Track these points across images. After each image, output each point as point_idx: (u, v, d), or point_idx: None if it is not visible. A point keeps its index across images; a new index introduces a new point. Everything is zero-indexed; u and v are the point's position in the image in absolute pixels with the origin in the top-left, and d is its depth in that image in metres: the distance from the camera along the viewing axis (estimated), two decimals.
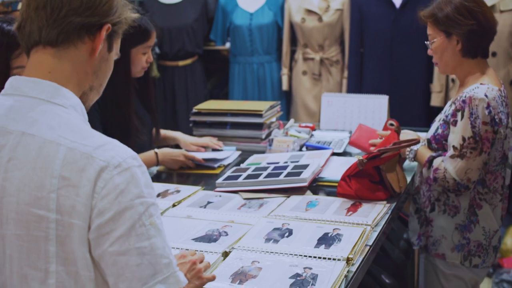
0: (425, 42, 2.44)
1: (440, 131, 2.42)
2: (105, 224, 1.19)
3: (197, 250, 1.91)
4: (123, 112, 2.65)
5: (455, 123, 2.32)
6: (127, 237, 1.19)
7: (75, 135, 1.24)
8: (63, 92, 1.30)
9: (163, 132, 3.12)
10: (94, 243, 1.20)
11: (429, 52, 2.44)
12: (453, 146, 2.31)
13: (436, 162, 2.36)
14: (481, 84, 2.32)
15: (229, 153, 3.03)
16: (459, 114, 2.31)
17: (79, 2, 1.29)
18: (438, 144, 2.43)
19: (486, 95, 2.27)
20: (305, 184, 2.44)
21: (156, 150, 2.85)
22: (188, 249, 1.91)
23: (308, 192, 2.48)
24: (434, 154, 2.41)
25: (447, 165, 2.31)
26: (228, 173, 2.66)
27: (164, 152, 2.85)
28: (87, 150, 1.21)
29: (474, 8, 2.31)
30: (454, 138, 2.31)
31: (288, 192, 2.46)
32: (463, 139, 2.29)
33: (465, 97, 2.30)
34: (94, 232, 1.20)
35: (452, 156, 2.31)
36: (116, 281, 1.21)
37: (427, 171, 2.39)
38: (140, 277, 1.20)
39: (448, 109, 2.43)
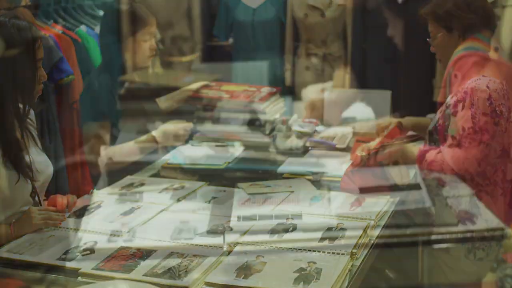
0: (427, 39, 2.45)
1: (441, 121, 2.43)
2: None
3: (202, 245, 1.93)
4: None
5: (456, 113, 2.33)
6: None
7: None
8: None
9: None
10: None
11: (432, 49, 2.45)
12: (452, 136, 2.32)
13: (430, 156, 2.36)
14: (483, 76, 2.33)
15: (233, 149, 3.04)
16: (460, 105, 2.32)
17: None
18: (440, 135, 2.43)
19: (488, 87, 2.28)
20: None
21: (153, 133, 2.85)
22: (192, 244, 1.93)
23: (312, 187, 2.49)
24: (425, 148, 2.41)
25: (445, 155, 2.32)
26: None
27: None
28: None
29: (473, 2, 2.34)
30: (454, 128, 2.32)
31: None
32: (463, 129, 2.29)
33: (467, 88, 2.31)
34: None
35: (450, 146, 2.31)
36: None
37: (420, 166, 2.39)
38: None
39: (449, 100, 2.44)
